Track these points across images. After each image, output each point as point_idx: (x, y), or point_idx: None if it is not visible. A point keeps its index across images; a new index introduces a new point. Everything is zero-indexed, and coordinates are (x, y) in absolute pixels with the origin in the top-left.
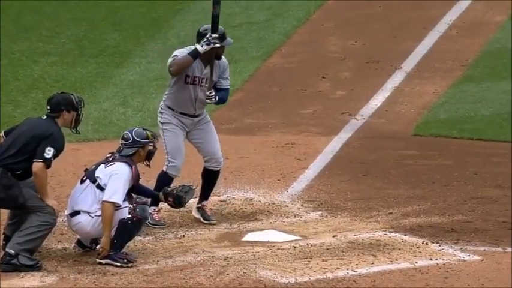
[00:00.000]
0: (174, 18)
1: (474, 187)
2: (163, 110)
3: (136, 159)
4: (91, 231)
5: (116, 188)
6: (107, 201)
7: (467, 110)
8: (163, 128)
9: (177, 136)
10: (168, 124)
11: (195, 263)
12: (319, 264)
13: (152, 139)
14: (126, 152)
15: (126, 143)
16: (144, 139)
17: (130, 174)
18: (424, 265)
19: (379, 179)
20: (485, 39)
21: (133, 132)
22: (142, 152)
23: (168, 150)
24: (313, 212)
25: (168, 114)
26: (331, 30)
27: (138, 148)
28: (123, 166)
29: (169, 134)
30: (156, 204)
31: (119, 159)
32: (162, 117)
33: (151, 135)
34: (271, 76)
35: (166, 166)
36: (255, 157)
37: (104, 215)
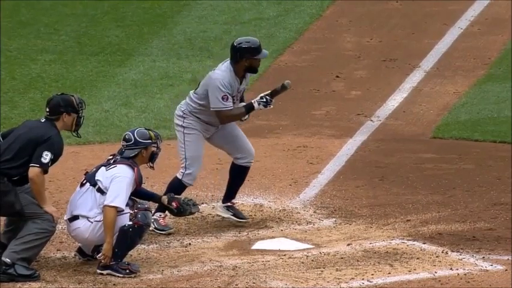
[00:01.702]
0: (179, 14)
1: (497, 193)
2: (186, 115)
3: (139, 161)
4: (90, 237)
5: (118, 191)
6: (109, 205)
7: (489, 111)
8: (186, 132)
9: (198, 143)
10: (191, 129)
11: (202, 273)
12: (333, 274)
13: (155, 140)
14: (128, 153)
15: (128, 144)
16: (147, 140)
17: (133, 177)
18: (444, 275)
19: (397, 184)
20: (508, 36)
21: (135, 132)
22: (145, 153)
23: (187, 157)
24: (326, 219)
25: (192, 119)
26: (346, 27)
27: (140, 149)
28: (126, 168)
29: (191, 140)
30: (162, 210)
31: (120, 161)
32: (185, 122)
33: (155, 135)
34: (282, 75)
35: (182, 174)
36: (265, 161)
37: (106, 220)
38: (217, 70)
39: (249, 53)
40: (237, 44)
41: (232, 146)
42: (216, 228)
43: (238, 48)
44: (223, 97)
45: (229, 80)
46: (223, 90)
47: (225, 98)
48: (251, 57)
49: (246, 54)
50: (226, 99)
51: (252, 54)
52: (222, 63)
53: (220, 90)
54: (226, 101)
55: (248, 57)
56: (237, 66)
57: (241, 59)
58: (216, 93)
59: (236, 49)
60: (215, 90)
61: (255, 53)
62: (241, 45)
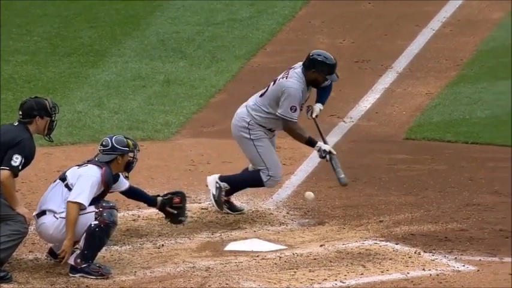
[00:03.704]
0: (152, 15)
1: (469, 193)
2: (252, 127)
3: (114, 168)
4: (54, 233)
5: (83, 188)
6: (72, 201)
7: (462, 112)
8: (257, 144)
9: (271, 150)
10: (261, 140)
11: (175, 274)
12: (306, 275)
13: (133, 148)
14: (103, 158)
15: (105, 149)
16: (124, 147)
17: (100, 178)
18: (417, 276)
19: (370, 185)
20: (481, 37)
21: (113, 138)
22: (120, 160)
23: (269, 165)
24: (299, 220)
25: (259, 129)
26: (319, 28)
27: (116, 156)
28: (95, 168)
29: (264, 149)
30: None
31: (93, 162)
32: (252, 134)
33: (132, 144)
34: (256, 76)
35: (267, 177)
36: (239, 162)
37: (69, 216)
38: (291, 79)
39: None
40: (311, 54)
41: None
42: (189, 230)
43: (311, 58)
44: (291, 107)
45: (302, 88)
46: (294, 100)
47: (293, 109)
48: (320, 73)
49: (318, 67)
50: (294, 110)
51: (323, 70)
52: (293, 70)
53: (292, 100)
54: (293, 112)
55: (317, 71)
56: (308, 75)
57: (310, 69)
58: (287, 101)
59: (311, 58)
60: (288, 98)
61: (325, 71)
62: (315, 57)
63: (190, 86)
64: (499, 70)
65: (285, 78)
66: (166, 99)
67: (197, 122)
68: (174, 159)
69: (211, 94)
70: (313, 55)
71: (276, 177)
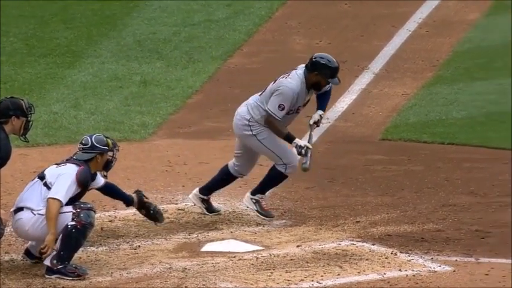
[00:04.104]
0: (129, 15)
1: (445, 194)
2: (252, 123)
3: (93, 167)
4: (30, 230)
5: (62, 187)
6: (52, 197)
7: (438, 113)
8: (260, 138)
9: (276, 139)
10: (263, 133)
11: (152, 275)
12: (283, 276)
13: (112, 147)
14: (82, 156)
15: (84, 147)
16: (104, 146)
17: (75, 177)
18: (393, 276)
19: (346, 186)
20: (457, 38)
21: (93, 137)
22: (100, 159)
23: (280, 154)
24: (276, 221)
25: (258, 125)
26: (295, 29)
27: (95, 154)
28: (73, 167)
29: (269, 140)
30: (261, 191)
31: (72, 161)
32: (253, 130)
33: (112, 143)
34: (232, 77)
35: (284, 168)
36: (216, 162)
37: (49, 212)
38: (290, 79)
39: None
40: (315, 57)
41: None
42: (166, 231)
43: (314, 61)
44: (280, 105)
45: (299, 91)
46: (284, 99)
47: (281, 107)
48: (322, 76)
49: (320, 70)
50: (282, 109)
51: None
52: (295, 71)
53: (282, 98)
54: (280, 111)
55: (319, 74)
56: (310, 77)
57: (312, 72)
58: (278, 98)
59: (314, 61)
60: (280, 95)
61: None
62: (318, 60)
63: (167, 87)
64: (475, 71)
65: (284, 78)
66: (143, 100)
67: (174, 123)
68: (151, 160)
69: (188, 95)
70: (317, 58)
71: (292, 163)
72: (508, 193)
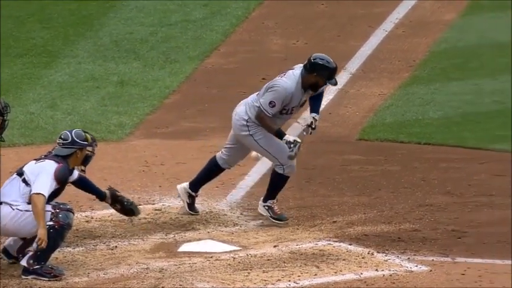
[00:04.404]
0: (105, 16)
1: (422, 194)
2: (250, 124)
3: (72, 162)
4: (8, 224)
5: (43, 182)
6: (36, 193)
7: (414, 113)
8: (257, 138)
9: (272, 139)
10: (259, 133)
11: (128, 276)
12: (260, 276)
13: (91, 142)
14: (62, 151)
15: (64, 142)
16: (83, 141)
17: (53, 174)
18: (370, 276)
19: (323, 186)
20: (433, 38)
21: (72, 132)
22: (79, 154)
23: (276, 155)
24: (253, 221)
25: (255, 125)
26: (272, 29)
27: (76, 150)
28: (52, 163)
29: (265, 141)
30: (272, 196)
31: (51, 157)
32: (250, 130)
33: (91, 138)
34: (209, 77)
35: (282, 168)
36: (193, 163)
37: (36, 208)
38: (285, 78)
39: (321, 71)
40: (313, 58)
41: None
42: (143, 231)
43: (313, 62)
44: (271, 102)
45: (293, 90)
46: (277, 97)
47: (271, 104)
48: (321, 77)
49: (319, 71)
50: (273, 106)
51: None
52: (292, 71)
53: (275, 96)
54: (271, 107)
55: (318, 75)
56: (307, 78)
57: (311, 73)
58: (271, 95)
59: (312, 61)
60: (272, 93)
61: (326, 75)
62: (317, 61)
63: (144, 87)
64: (451, 71)
65: (280, 77)
66: (120, 100)
67: (151, 123)
68: (128, 160)
69: (165, 95)
70: (316, 59)
71: (288, 163)
72: (483, 193)
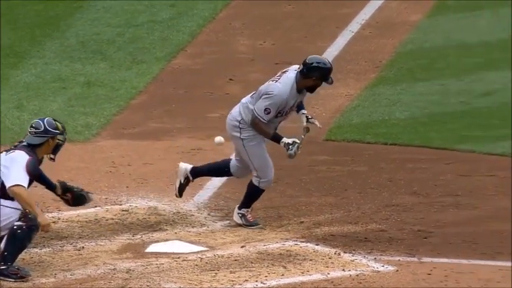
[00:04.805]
0: (72, 16)
1: (389, 194)
2: (243, 126)
3: (43, 151)
4: None
5: (19, 174)
6: (14, 185)
7: (381, 113)
8: (246, 144)
9: (262, 150)
10: (251, 140)
11: (95, 276)
12: (227, 276)
13: (62, 131)
14: (34, 140)
15: (37, 131)
16: (55, 129)
17: (25, 168)
18: (337, 276)
19: (291, 186)
20: (399, 39)
21: (44, 121)
22: (51, 142)
23: (257, 167)
24: (220, 221)
25: (249, 129)
26: (239, 30)
27: (48, 138)
28: (23, 154)
29: (254, 150)
30: (247, 205)
31: (21, 147)
32: (242, 134)
33: (61, 126)
34: (177, 78)
35: (257, 181)
36: (160, 163)
37: (22, 198)
38: (280, 84)
39: (320, 74)
40: (310, 62)
41: None
42: (110, 232)
43: (314, 66)
44: (266, 109)
45: (288, 95)
46: (272, 104)
47: (266, 111)
48: (319, 79)
49: (317, 74)
50: (268, 113)
51: (321, 76)
52: (286, 75)
53: (270, 102)
54: (266, 114)
55: (317, 78)
56: (304, 81)
57: (309, 77)
58: (265, 101)
59: (311, 66)
60: (266, 99)
61: (324, 76)
62: (315, 64)
63: (110, 88)
64: (417, 72)
65: (274, 81)
66: (86, 101)
67: (118, 124)
68: (95, 161)
69: (132, 96)
70: (313, 63)
71: (265, 178)
72: (449, 193)
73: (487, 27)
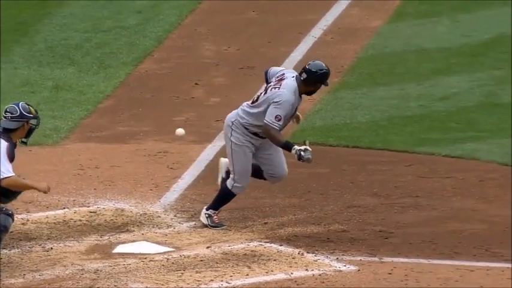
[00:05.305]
0: (40, 22)
1: (350, 196)
2: (235, 127)
3: (18, 135)
4: None
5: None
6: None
7: (343, 117)
8: (233, 147)
9: (247, 158)
10: (238, 145)
11: (64, 277)
12: (193, 276)
13: (35, 115)
14: (10, 125)
15: (13, 116)
16: (29, 114)
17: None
18: (300, 276)
19: (255, 188)
20: (361, 45)
21: (19, 105)
22: (26, 126)
23: (236, 171)
24: (186, 223)
25: (239, 133)
26: (205, 35)
27: (23, 123)
28: (2, 142)
29: (238, 155)
30: (215, 207)
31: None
32: (232, 135)
33: (35, 111)
34: (143, 82)
35: (231, 184)
36: (127, 166)
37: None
38: (285, 90)
39: (325, 79)
40: (317, 70)
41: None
42: (78, 233)
43: (319, 74)
44: (277, 116)
45: (294, 101)
46: (282, 111)
47: (277, 118)
48: (321, 84)
49: (323, 80)
50: (279, 119)
51: (324, 81)
52: (285, 82)
53: (281, 110)
54: (278, 121)
55: (321, 83)
56: (306, 88)
57: (315, 84)
58: (277, 109)
59: (316, 74)
60: (278, 107)
61: (325, 81)
62: (323, 71)
63: (78, 92)
64: (378, 76)
65: (277, 89)
66: (55, 104)
67: (86, 127)
68: (63, 163)
69: (100, 100)
70: (317, 71)
71: (240, 183)
72: (409, 194)
73: (446, 33)
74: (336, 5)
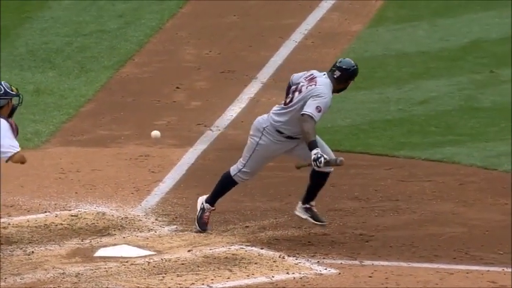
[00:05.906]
0: (21, 26)
1: (331, 199)
2: (267, 134)
3: (3, 112)
4: None
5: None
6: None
7: (324, 120)
8: (257, 148)
9: (263, 162)
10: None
11: (45, 280)
12: (174, 280)
13: (18, 93)
14: None
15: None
16: (12, 91)
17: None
18: (281, 279)
19: (236, 192)
20: (341, 49)
21: (2, 84)
22: (10, 104)
23: (247, 164)
24: (167, 226)
25: (270, 139)
26: (186, 39)
27: (8, 100)
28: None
29: (259, 155)
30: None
31: None
32: (262, 139)
33: (16, 89)
34: (124, 86)
35: (237, 169)
36: (108, 170)
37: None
38: (321, 86)
39: (355, 76)
40: (349, 67)
41: None
42: (59, 237)
43: (352, 71)
44: (317, 107)
45: (331, 97)
46: (324, 103)
47: (319, 109)
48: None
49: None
50: (320, 110)
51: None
52: (319, 79)
53: (323, 102)
54: (318, 112)
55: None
56: (338, 85)
57: (347, 81)
58: (317, 102)
59: (349, 71)
60: (320, 99)
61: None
62: (355, 68)
63: (60, 96)
64: (358, 80)
65: (313, 85)
66: (36, 108)
67: (67, 131)
68: (45, 167)
69: (81, 104)
70: (350, 67)
71: (248, 172)
72: (389, 198)
73: (425, 37)
74: (317, 9)
